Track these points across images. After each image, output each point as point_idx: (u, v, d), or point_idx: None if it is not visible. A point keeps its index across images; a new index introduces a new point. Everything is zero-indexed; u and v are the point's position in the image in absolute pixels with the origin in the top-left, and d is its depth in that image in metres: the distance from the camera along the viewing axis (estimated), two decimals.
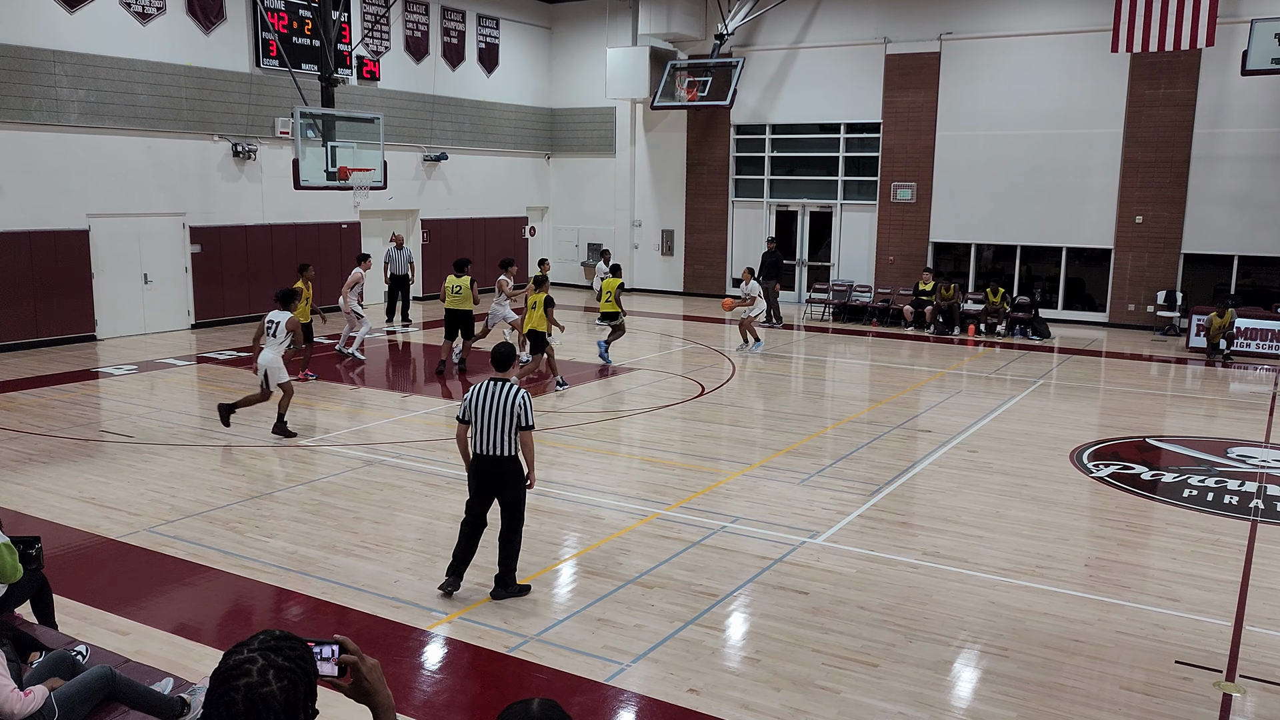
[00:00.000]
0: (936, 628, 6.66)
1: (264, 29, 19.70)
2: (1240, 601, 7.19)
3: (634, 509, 9.08)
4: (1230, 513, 9.22)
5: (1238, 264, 20.35)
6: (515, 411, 6.82)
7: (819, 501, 9.32)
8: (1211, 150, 20.05)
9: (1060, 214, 21.61)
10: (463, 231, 24.92)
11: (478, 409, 6.87)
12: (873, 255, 23.86)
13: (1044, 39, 21.29)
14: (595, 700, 5.69)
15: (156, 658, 5.93)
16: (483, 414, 6.85)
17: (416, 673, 6.05)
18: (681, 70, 24.50)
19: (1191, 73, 20.00)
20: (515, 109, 26.67)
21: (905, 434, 12.06)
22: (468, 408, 6.92)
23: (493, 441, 6.84)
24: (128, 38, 17.64)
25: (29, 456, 10.51)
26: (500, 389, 6.89)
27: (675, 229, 26.61)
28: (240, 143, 19.59)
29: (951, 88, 22.38)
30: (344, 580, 7.35)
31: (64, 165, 16.94)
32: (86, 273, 17.42)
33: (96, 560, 7.77)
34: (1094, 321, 21.78)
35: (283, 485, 9.66)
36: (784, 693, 5.78)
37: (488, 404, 6.85)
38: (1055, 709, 5.64)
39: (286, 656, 2.09)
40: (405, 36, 23.22)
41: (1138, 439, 12.02)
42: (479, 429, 6.88)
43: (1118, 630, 6.66)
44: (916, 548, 8.18)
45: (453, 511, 8.95)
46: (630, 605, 6.94)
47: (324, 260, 21.36)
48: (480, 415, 6.86)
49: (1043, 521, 8.88)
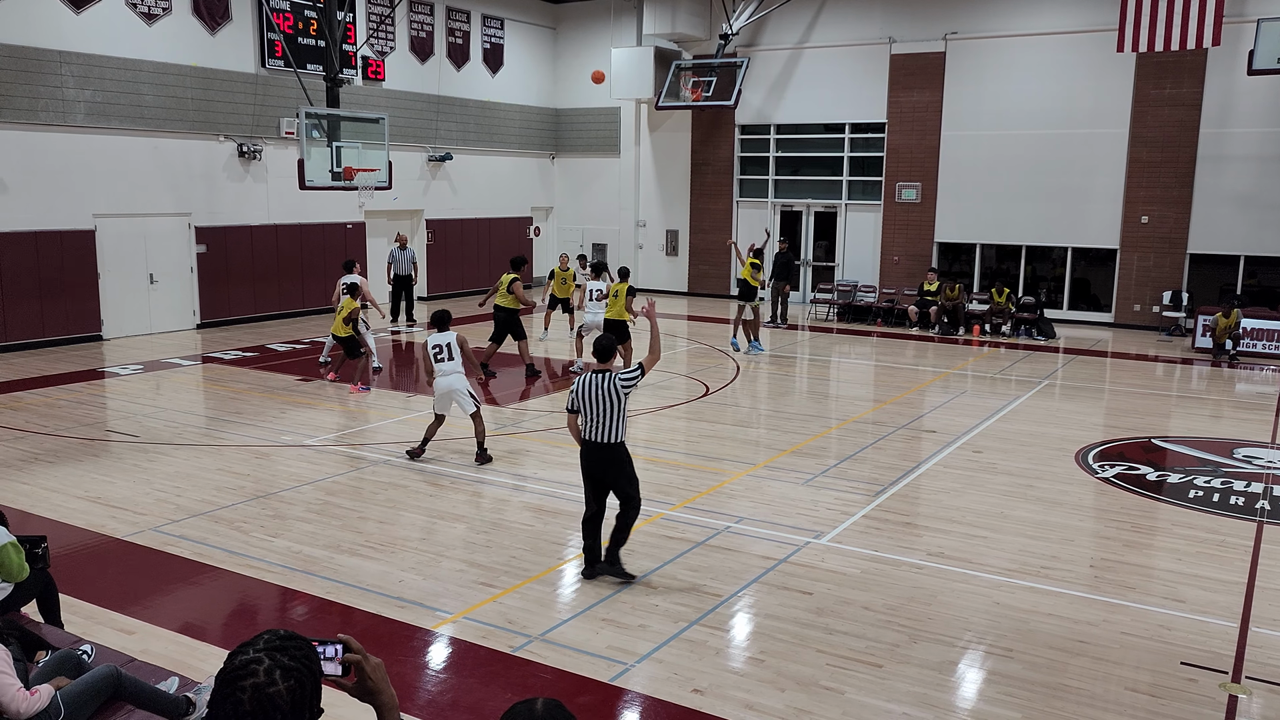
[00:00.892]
0: (941, 628, 6.65)
1: (269, 29, 19.74)
2: (1246, 603, 7.17)
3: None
4: (1236, 513, 9.19)
5: (1244, 264, 20.30)
6: (615, 399, 7.18)
7: (823, 502, 9.31)
8: (1217, 150, 20.01)
9: (1065, 214, 21.57)
10: (467, 232, 24.93)
11: (585, 400, 7.26)
12: (877, 255, 23.84)
13: (1049, 39, 21.26)
14: (599, 700, 5.69)
15: (162, 657, 5.95)
16: (589, 404, 7.25)
17: (421, 672, 6.06)
18: (686, 70, 24.50)
19: (1197, 72, 19.95)
20: (520, 109, 26.68)
21: (910, 434, 12.05)
22: (575, 398, 7.35)
23: (600, 429, 7.23)
24: (133, 38, 17.68)
25: (35, 456, 10.54)
26: (602, 380, 7.22)
27: (680, 229, 26.60)
28: (245, 143, 19.63)
29: (957, 88, 22.35)
30: (348, 580, 7.37)
31: (70, 165, 16.99)
32: (92, 273, 17.46)
33: (102, 559, 7.79)
34: (1099, 322, 21.73)
35: (287, 485, 9.67)
36: (788, 693, 5.78)
37: (592, 395, 7.22)
38: (1060, 710, 5.63)
39: (292, 656, 2.09)
40: (410, 37, 23.24)
41: (1143, 439, 12.00)
42: (587, 419, 7.29)
43: (1123, 631, 6.65)
44: (921, 548, 8.17)
45: (457, 512, 8.97)
46: (634, 605, 6.95)
47: (329, 261, 21.41)
48: (587, 406, 7.26)
49: (1048, 522, 8.86)
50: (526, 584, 7.33)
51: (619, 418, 7.24)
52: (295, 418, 12.40)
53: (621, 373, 7.28)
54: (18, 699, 4.34)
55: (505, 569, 7.60)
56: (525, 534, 8.40)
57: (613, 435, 7.25)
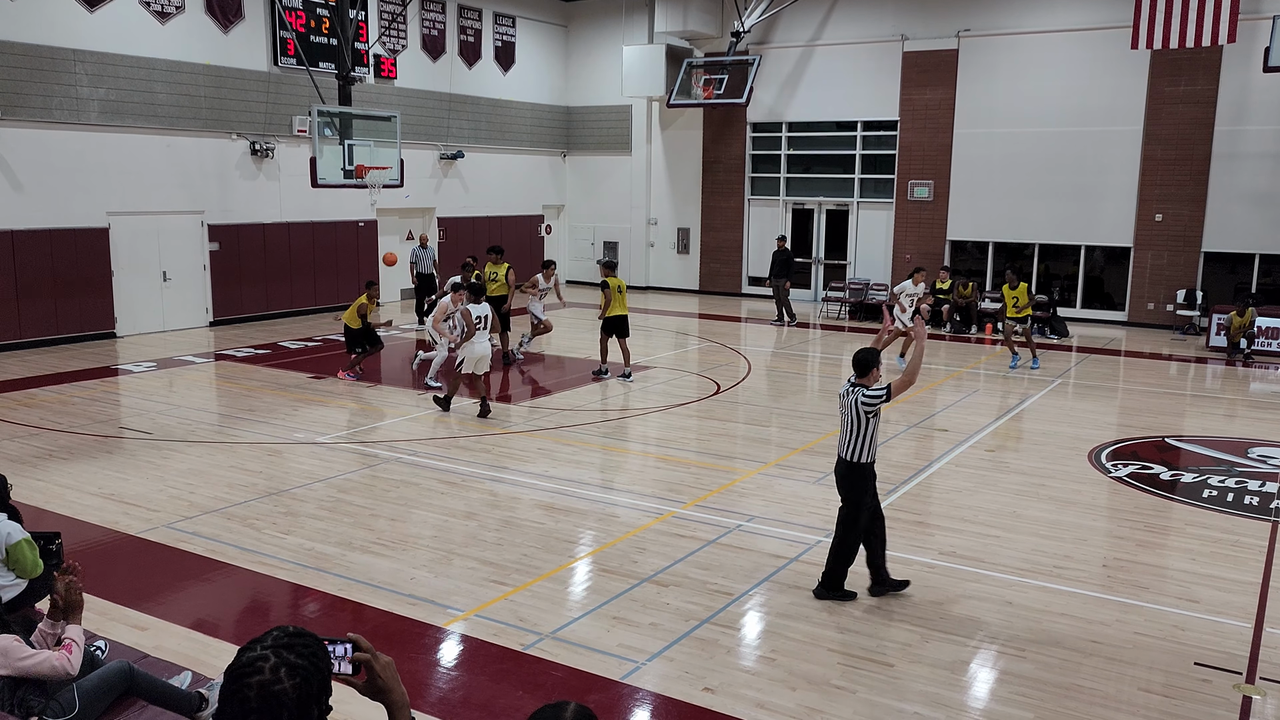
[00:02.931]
0: (953, 628, 6.63)
1: (282, 28, 19.79)
2: (1261, 603, 7.12)
3: (650, 507, 9.08)
4: (1251, 513, 9.13)
5: (1259, 262, 20.16)
6: (857, 416, 6.90)
7: (835, 500, 9.22)
8: (1232, 148, 19.87)
9: (1079, 212, 21.46)
10: (479, 230, 24.95)
11: (840, 410, 7.11)
12: (889, 253, 23.77)
13: (1063, 36, 21.15)
14: (610, 698, 5.69)
15: (175, 653, 5.97)
16: (841, 415, 7.09)
17: (432, 669, 6.07)
18: (698, 68, 24.46)
19: (1212, 69, 19.82)
20: (531, 107, 26.69)
21: (922, 433, 12.01)
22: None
23: (843, 442, 7.05)
24: (147, 37, 17.75)
25: (49, 453, 10.60)
26: (851, 394, 6.96)
27: (691, 227, 26.58)
28: (258, 141, 19.69)
29: (970, 85, 22.26)
30: (360, 577, 7.38)
31: (84, 164, 17.07)
32: (106, 270, 17.55)
33: (116, 556, 7.83)
34: (1113, 320, 21.62)
35: (300, 482, 9.70)
36: (800, 692, 5.76)
37: (843, 407, 7.05)
38: (1073, 710, 5.60)
39: (299, 654, 2.09)
40: (422, 35, 23.27)
41: (1157, 439, 11.93)
42: (840, 428, 7.12)
43: (1136, 631, 6.61)
44: (933, 547, 8.15)
45: (468, 509, 8.98)
46: (646, 603, 6.94)
47: (341, 259, 21.48)
48: (841, 416, 7.10)
49: (1060, 521, 8.82)
50: (538, 582, 7.33)
51: (859, 436, 6.92)
52: (307, 415, 12.44)
53: (866, 391, 6.91)
54: (62, 662, 4.48)
55: (517, 567, 7.61)
56: (536, 532, 8.40)
57: (849, 452, 6.98)
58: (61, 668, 4.51)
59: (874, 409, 6.88)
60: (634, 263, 27.13)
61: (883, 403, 6.90)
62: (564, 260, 27.76)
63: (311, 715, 2.10)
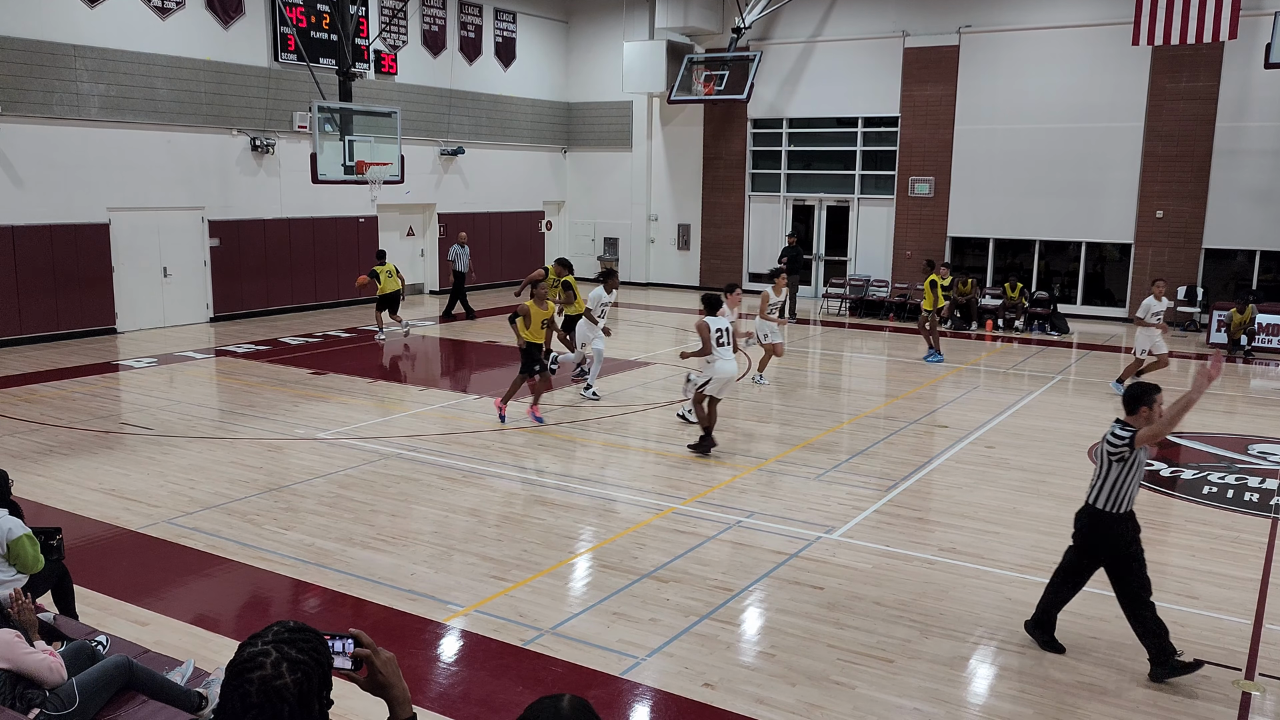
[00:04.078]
0: (952, 624, 6.63)
1: (282, 23, 19.77)
2: (1260, 599, 7.13)
3: (650, 503, 9.09)
4: (1250, 510, 9.14)
5: (1259, 259, 20.16)
6: (1102, 454, 6.05)
7: (835, 497, 9.29)
8: (1233, 144, 19.86)
9: (1080, 209, 21.45)
10: (479, 226, 24.94)
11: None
12: (890, 250, 23.76)
13: (1064, 32, 21.13)
14: (610, 694, 5.70)
15: (175, 648, 5.98)
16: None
17: (433, 665, 6.08)
18: (698, 64, 24.44)
19: (1213, 66, 19.80)
20: (532, 103, 26.67)
21: (922, 429, 12.02)
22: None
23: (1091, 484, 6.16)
24: (147, 32, 17.74)
25: (50, 448, 10.61)
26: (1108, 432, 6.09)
27: (691, 223, 26.56)
28: (259, 137, 19.68)
29: (971, 81, 22.25)
30: (361, 573, 7.39)
31: (84, 159, 17.07)
32: (106, 266, 17.55)
33: (116, 551, 7.84)
34: (1113, 317, 21.62)
35: (300, 478, 9.71)
36: (799, 688, 5.77)
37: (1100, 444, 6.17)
38: (1072, 706, 5.61)
39: (300, 649, 2.10)
40: (423, 30, 23.25)
41: None
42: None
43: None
44: (933, 543, 8.15)
45: (468, 505, 8.99)
46: (646, 599, 6.95)
47: (341, 255, 21.47)
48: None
49: (1060, 518, 8.81)
50: (538, 577, 7.34)
51: (1098, 477, 6.07)
52: (308, 411, 12.45)
53: (1115, 430, 6.02)
54: (57, 664, 4.56)
55: (517, 562, 7.61)
56: (537, 528, 8.41)
57: (1091, 493, 6.13)
58: (56, 670, 4.53)
59: (1116, 454, 5.93)
60: (634, 259, 27.13)
61: (1127, 448, 5.88)
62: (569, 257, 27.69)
63: (313, 710, 2.10)
